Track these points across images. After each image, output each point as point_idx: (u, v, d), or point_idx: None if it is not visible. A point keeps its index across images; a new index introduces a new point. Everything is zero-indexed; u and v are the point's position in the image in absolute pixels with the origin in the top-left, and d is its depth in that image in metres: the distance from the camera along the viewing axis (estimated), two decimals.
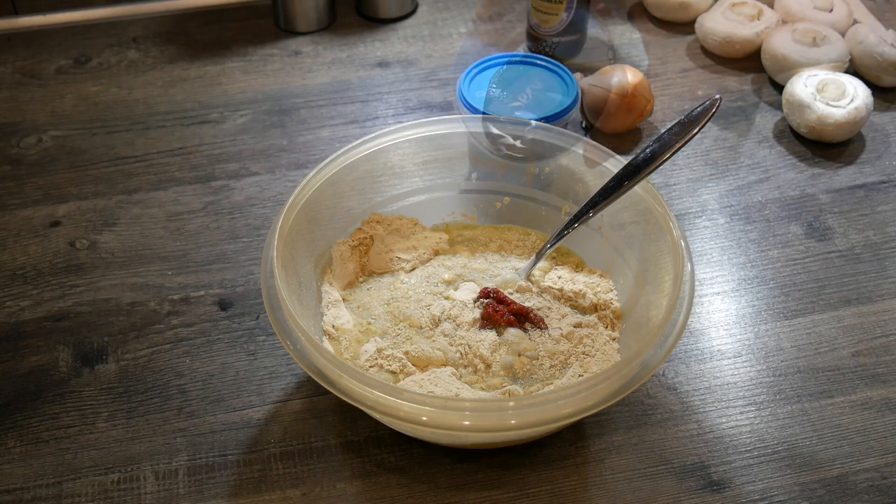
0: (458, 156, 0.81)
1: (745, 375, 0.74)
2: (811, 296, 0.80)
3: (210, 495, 0.66)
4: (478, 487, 0.66)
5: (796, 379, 0.74)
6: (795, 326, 0.78)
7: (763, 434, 0.70)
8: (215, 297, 0.80)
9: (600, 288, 0.76)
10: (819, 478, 0.67)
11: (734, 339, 0.77)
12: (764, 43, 1.03)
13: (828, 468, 0.68)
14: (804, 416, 0.71)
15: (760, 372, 0.74)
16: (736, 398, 0.72)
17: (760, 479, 0.67)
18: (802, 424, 0.71)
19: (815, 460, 0.68)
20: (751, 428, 0.70)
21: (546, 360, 0.69)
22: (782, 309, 0.79)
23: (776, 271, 0.82)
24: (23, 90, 1.05)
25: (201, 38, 1.12)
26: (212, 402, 0.72)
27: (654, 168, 0.70)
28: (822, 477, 0.67)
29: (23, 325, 0.78)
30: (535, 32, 1.05)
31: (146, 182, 0.92)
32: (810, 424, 0.71)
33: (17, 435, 0.70)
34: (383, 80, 1.05)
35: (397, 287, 0.75)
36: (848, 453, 0.69)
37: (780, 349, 0.76)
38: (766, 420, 0.71)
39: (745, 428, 0.70)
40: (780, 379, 0.74)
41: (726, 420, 0.71)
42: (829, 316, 0.79)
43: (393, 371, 0.69)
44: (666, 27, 1.13)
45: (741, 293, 0.81)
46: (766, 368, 0.74)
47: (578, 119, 0.98)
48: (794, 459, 0.68)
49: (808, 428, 0.70)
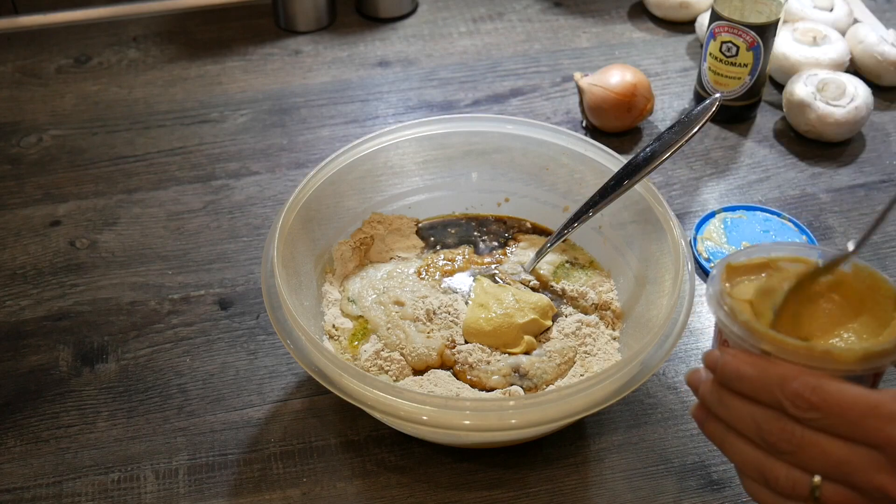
0: (457, 155, 0.81)
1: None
2: None
3: (210, 495, 0.66)
4: (478, 487, 0.66)
5: None
6: None
7: None
8: (215, 296, 0.80)
9: (601, 288, 0.76)
10: None
11: None
12: None
13: None
14: None
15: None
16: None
17: None
18: None
19: None
20: None
21: (556, 357, 0.70)
22: None
23: None
24: (23, 89, 1.05)
25: (201, 38, 1.12)
26: (212, 401, 0.72)
27: (654, 167, 0.70)
28: None
29: (23, 324, 0.78)
30: (706, 94, 0.96)
31: (146, 181, 0.92)
32: None
33: (18, 434, 0.70)
34: (383, 80, 1.05)
35: (393, 276, 0.75)
36: None
37: None
38: None
39: None
40: None
41: None
42: None
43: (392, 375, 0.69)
44: (666, 27, 1.13)
45: None
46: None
47: (583, 122, 0.98)
48: None
49: None
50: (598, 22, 1.15)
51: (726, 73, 0.94)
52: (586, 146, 0.77)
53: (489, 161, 0.81)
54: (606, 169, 0.75)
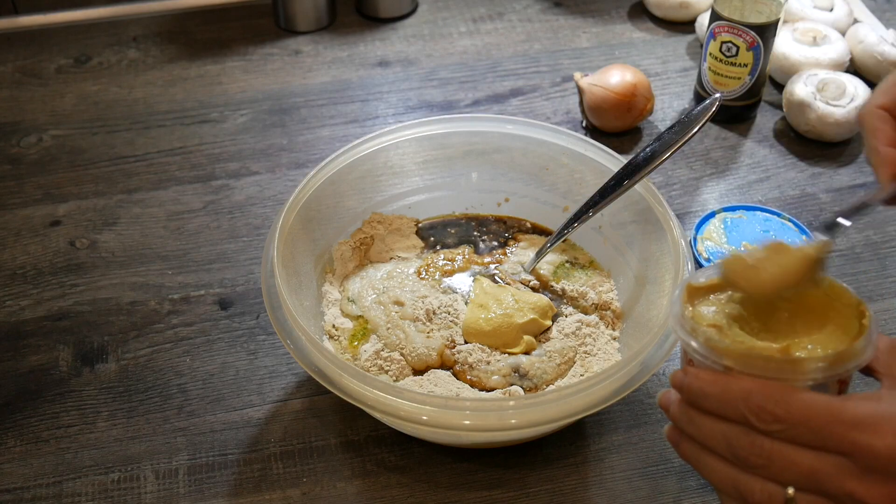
0: (457, 155, 0.81)
1: None
2: None
3: (210, 495, 0.66)
4: (478, 487, 0.66)
5: None
6: None
7: None
8: (215, 296, 0.80)
9: (601, 288, 0.76)
10: None
11: None
12: None
13: None
14: None
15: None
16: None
17: None
18: None
19: None
20: None
21: (556, 357, 0.70)
22: None
23: None
24: (23, 89, 1.05)
25: (201, 38, 1.12)
26: (212, 401, 0.72)
27: (654, 167, 0.70)
28: None
29: (23, 324, 0.78)
30: (706, 94, 0.96)
31: (146, 181, 0.92)
32: None
33: (18, 434, 0.70)
34: (383, 80, 1.05)
35: (393, 276, 0.75)
36: None
37: None
38: None
39: None
40: None
41: None
42: None
43: (392, 375, 0.69)
44: (666, 27, 1.13)
45: None
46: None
47: (583, 122, 0.98)
48: None
49: None
50: (598, 22, 1.15)
51: (726, 73, 0.94)
52: (586, 146, 0.77)
53: (489, 161, 0.81)
54: (606, 169, 0.75)
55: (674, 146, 0.70)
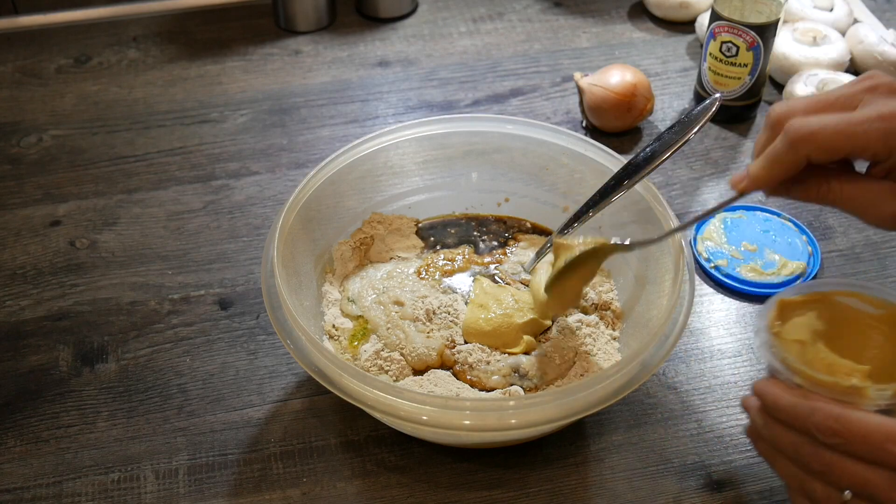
0: (457, 155, 0.81)
1: (746, 375, 0.74)
2: None
3: (210, 495, 0.66)
4: (478, 487, 0.66)
5: None
6: None
7: None
8: (215, 296, 0.80)
9: (601, 288, 0.76)
10: None
11: (734, 338, 0.77)
12: None
13: None
14: None
15: (761, 371, 0.74)
16: (736, 398, 0.72)
17: (760, 478, 0.67)
18: None
19: None
20: None
21: (556, 357, 0.70)
22: None
23: None
24: (23, 89, 1.05)
25: (201, 38, 1.12)
26: (212, 401, 0.72)
27: (654, 167, 0.70)
28: None
29: (23, 324, 0.78)
30: (706, 94, 0.96)
31: (146, 181, 0.92)
32: None
33: (18, 434, 0.70)
34: (383, 80, 1.05)
35: (393, 276, 0.75)
36: None
37: None
38: None
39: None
40: None
41: (726, 419, 0.71)
42: None
43: (392, 375, 0.69)
44: (666, 27, 1.13)
45: (742, 292, 0.81)
46: (766, 367, 0.74)
47: (583, 122, 0.98)
48: None
49: None
50: (598, 22, 1.15)
51: (726, 73, 0.94)
52: (586, 146, 0.77)
53: (489, 161, 0.81)
54: (606, 169, 0.75)
55: (674, 146, 0.70)
